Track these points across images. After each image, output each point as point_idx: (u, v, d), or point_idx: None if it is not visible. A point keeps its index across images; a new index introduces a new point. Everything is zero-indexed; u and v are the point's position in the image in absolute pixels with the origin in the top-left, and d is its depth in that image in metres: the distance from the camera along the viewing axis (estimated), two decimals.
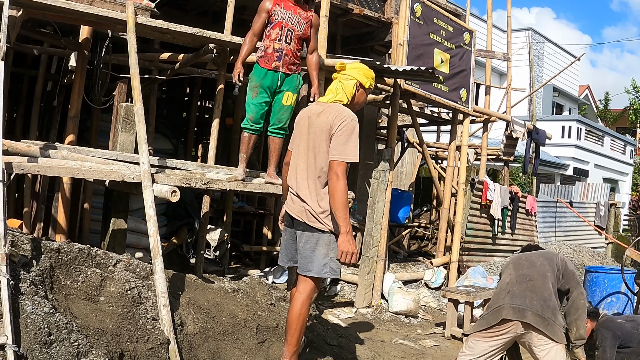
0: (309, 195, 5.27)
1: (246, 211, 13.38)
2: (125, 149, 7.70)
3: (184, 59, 9.63)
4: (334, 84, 5.53)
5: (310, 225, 5.24)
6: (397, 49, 10.37)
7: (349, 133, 5.13)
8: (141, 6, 7.88)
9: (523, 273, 5.66)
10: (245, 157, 7.68)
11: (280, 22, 7.51)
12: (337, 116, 5.19)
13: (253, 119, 7.53)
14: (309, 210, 5.23)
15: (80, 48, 8.79)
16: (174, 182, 6.51)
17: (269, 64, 7.49)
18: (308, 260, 5.26)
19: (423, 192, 19.94)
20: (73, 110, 8.59)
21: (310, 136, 5.36)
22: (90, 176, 6.43)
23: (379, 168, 10.15)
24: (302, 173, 5.36)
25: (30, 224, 10.69)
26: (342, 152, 5.08)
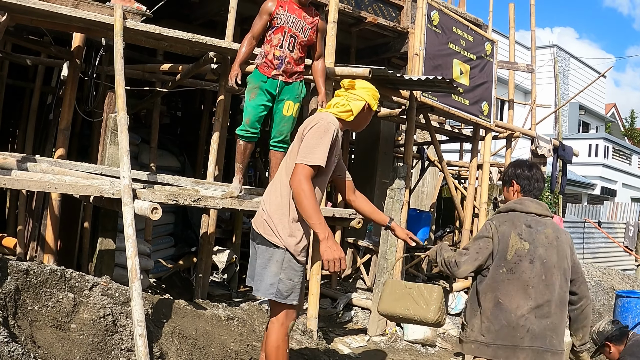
0: (275, 208, 4.72)
1: None
2: (114, 162, 7.22)
3: (184, 70, 9.12)
4: (340, 99, 4.98)
5: (265, 238, 4.67)
6: (413, 59, 9.89)
7: (320, 135, 4.56)
8: (131, 9, 7.43)
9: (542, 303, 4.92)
10: (241, 167, 7.07)
11: (283, 27, 6.92)
12: (312, 120, 4.70)
13: (249, 122, 6.89)
14: (268, 222, 4.68)
15: (72, 57, 8.33)
16: (159, 199, 5.99)
17: (268, 72, 6.90)
18: (259, 278, 4.71)
19: (445, 213, 19.42)
20: (64, 123, 8.14)
21: (292, 147, 4.87)
22: (62, 190, 5.97)
23: (394, 186, 9.58)
24: (276, 182, 4.85)
25: (24, 242, 10.24)
26: (306, 154, 4.51)
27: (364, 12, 11.07)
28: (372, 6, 11.30)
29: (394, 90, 9.45)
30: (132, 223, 5.50)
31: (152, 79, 10.23)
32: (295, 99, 7.01)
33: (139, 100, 10.71)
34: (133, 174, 6.34)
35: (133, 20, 7.24)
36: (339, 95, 4.99)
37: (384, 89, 9.23)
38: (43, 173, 6.21)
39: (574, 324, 5.14)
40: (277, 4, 6.89)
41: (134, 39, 7.71)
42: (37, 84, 11.29)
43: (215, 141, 8.26)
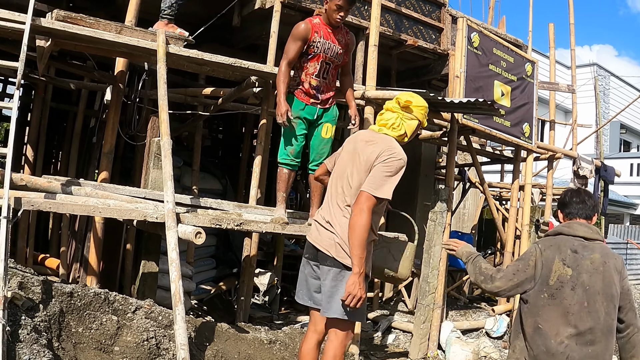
0: (338, 226, 4.79)
1: (299, 254, 12.89)
2: (157, 186, 7.27)
3: (226, 94, 9.17)
4: (394, 118, 5.04)
5: (338, 261, 4.74)
6: (454, 82, 9.85)
7: (392, 170, 4.69)
8: (174, 35, 7.50)
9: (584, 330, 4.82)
10: (285, 196, 7.04)
11: (320, 55, 6.82)
12: (387, 149, 4.78)
13: (294, 152, 6.86)
14: (340, 244, 4.74)
15: (115, 81, 8.41)
16: (202, 223, 6.02)
17: (306, 100, 6.85)
18: (331, 299, 4.77)
19: (486, 235, 19.28)
20: (107, 146, 8.21)
21: (354, 164, 4.92)
22: (107, 214, 6.02)
23: (436, 209, 9.54)
24: (336, 202, 4.91)
25: (67, 264, 10.33)
26: (377, 187, 4.63)
27: (404, 34, 11.07)
28: (412, 29, 11.30)
29: (436, 112, 9.40)
30: (176, 247, 5.52)
31: (194, 102, 10.28)
32: (332, 121, 6.99)
33: (181, 123, 10.78)
34: (176, 197, 6.36)
35: (175, 46, 7.30)
36: (392, 111, 5.05)
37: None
38: (87, 197, 6.27)
39: (622, 353, 5.03)
40: (312, 30, 6.76)
41: (176, 64, 7.77)
42: (80, 108, 11.39)
43: (258, 165, 8.28)
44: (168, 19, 7.89)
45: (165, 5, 7.95)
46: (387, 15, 10.71)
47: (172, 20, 7.91)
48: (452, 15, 11.95)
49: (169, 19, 7.89)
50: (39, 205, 5.72)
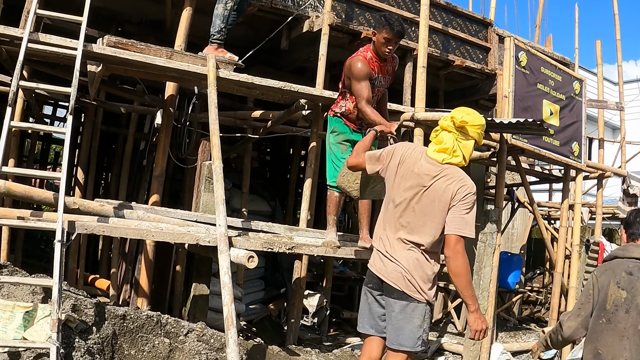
0: (412, 264, 4.74)
1: (347, 276, 12.89)
2: (208, 209, 7.30)
3: (276, 117, 9.21)
4: (449, 140, 4.85)
5: (407, 294, 4.71)
6: (502, 102, 9.76)
7: (470, 206, 4.69)
8: (224, 59, 7.56)
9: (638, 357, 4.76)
10: (335, 219, 7.01)
11: (374, 90, 6.80)
12: (462, 186, 4.71)
13: None
14: (409, 280, 4.70)
15: (165, 105, 8.50)
16: (254, 247, 6.05)
17: (352, 126, 6.89)
18: (400, 332, 4.73)
19: (535, 254, 19.08)
20: (158, 170, 8.30)
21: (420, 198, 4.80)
22: (160, 238, 6.09)
23: (486, 230, 9.46)
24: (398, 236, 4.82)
25: (117, 285, 10.42)
26: (463, 227, 4.62)
27: (451, 55, 11.04)
28: (459, 49, 11.27)
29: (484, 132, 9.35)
30: (229, 271, 5.55)
31: (243, 125, 10.35)
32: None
33: (230, 146, 10.84)
34: (227, 220, 6.40)
35: (225, 70, 7.37)
36: (448, 131, 4.86)
37: None
38: (139, 220, 6.33)
39: None
40: (369, 66, 6.70)
41: (226, 88, 7.83)
42: (130, 131, 11.49)
43: (308, 187, 8.30)
44: (218, 43, 7.95)
45: (214, 30, 8.02)
46: (434, 36, 10.70)
47: (222, 45, 7.98)
48: (498, 34, 11.91)
49: (219, 44, 7.96)
50: (92, 229, 5.80)
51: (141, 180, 11.03)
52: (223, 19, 8.03)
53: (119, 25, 10.26)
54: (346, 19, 9.75)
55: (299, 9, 9.40)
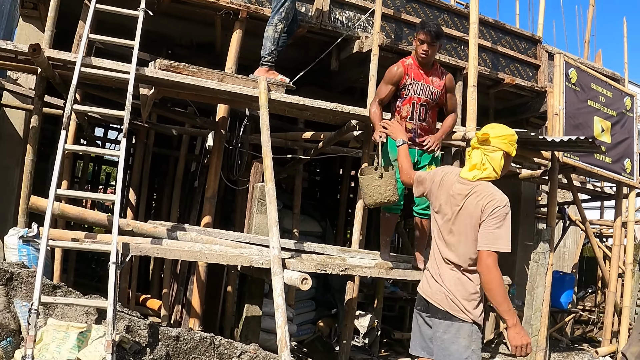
0: (453, 284, 4.72)
1: (398, 296, 12.81)
2: (261, 231, 7.31)
3: (327, 138, 9.23)
4: (477, 155, 4.82)
5: (450, 314, 4.68)
6: (553, 119, 9.70)
7: (501, 219, 4.56)
8: (275, 81, 7.59)
9: None
10: (388, 240, 7.02)
11: (412, 97, 6.77)
12: (490, 200, 4.61)
13: None
14: (452, 299, 4.68)
15: (217, 127, 8.57)
16: (308, 269, 6.07)
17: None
18: (446, 353, 4.68)
19: (587, 273, 18.84)
20: (210, 191, 8.35)
21: (456, 219, 4.80)
22: (213, 260, 6.10)
23: (538, 250, 9.38)
24: (442, 257, 4.84)
25: (169, 305, 10.48)
26: (494, 242, 4.51)
27: (501, 73, 10.98)
28: (508, 67, 11.21)
29: (535, 151, 9.28)
30: (282, 293, 5.56)
31: (294, 146, 10.39)
32: (434, 161, 6.84)
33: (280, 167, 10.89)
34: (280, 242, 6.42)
35: (277, 92, 7.39)
36: (475, 148, 4.85)
37: (525, 150, 9.09)
38: (192, 242, 6.37)
39: None
40: (404, 73, 6.76)
41: (277, 109, 7.85)
42: (182, 152, 11.58)
43: (360, 209, 8.25)
44: (269, 65, 8.00)
45: (265, 52, 8.07)
46: (483, 54, 10.65)
47: (273, 67, 8.02)
48: (547, 51, 11.82)
49: (270, 66, 8.01)
50: (147, 251, 5.85)
51: (192, 201, 11.10)
52: (273, 41, 8.08)
53: (169, 48, 10.38)
54: (395, 39, 9.76)
55: (348, 30, 9.42)
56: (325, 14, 9.30)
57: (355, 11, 9.63)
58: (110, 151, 8.61)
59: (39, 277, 5.08)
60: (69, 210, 6.64)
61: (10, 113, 9.27)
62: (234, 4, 8.67)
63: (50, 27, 7.35)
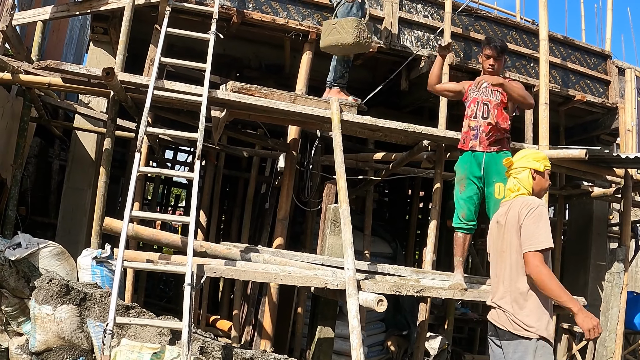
0: (509, 302, 4.73)
1: (468, 318, 12.69)
2: (334, 253, 7.27)
3: (398, 158, 9.20)
4: (509, 182, 5.09)
5: (515, 334, 4.65)
6: (625, 136, 9.55)
7: (537, 219, 4.62)
8: (347, 102, 7.60)
9: None
10: (461, 260, 6.91)
11: (475, 97, 6.94)
12: (523, 206, 4.73)
13: (465, 216, 6.81)
14: (513, 320, 4.67)
15: (288, 149, 8.60)
16: (382, 290, 6.03)
17: (465, 145, 6.89)
18: None
19: None
20: (282, 213, 8.38)
21: (503, 238, 4.90)
22: (288, 282, 6.09)
23: (612, 270, 9.21)
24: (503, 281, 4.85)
25: (239, 326, 10.52)
26: (535, 241, 4.57)
27: (571, 90, 10.82)
28: (579, 83, 11.05)
29: (608, 169, 9.12)
30: (357, 314, 5.53)
31: (364, 167, 10.37)
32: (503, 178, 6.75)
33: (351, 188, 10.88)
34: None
35: (349, 113, 7.39)
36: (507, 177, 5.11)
37: (597, 168, 8.96)
38: (266, 263, 6.38)
39: None
40: (470, 84, 7.12)
41: (348, 130, 7.84)
42: (252, 174, 11.66)
43: (433, 229, 8.18)
44: (341, 86, 8.05)
45: (336, 75, 8.13)
46: (553, 71, 10.51)
47: (345, 88, 8.06)
48: (618, 66, 11.62)
49: (342, 87, 8.05)
50: (221, 272, 5.89)
51: (263, 223, 11.13)
52: (344, 64, 8.14)
53: (238, 70, 10.48)
54: (465, 57, 9.72)
55: (417, 50, 9.40)
56: (394, 34, 9.31)
57: (424, 30, 9.63)
58: (183, 173, 8.69)
59: (114, 298, 5.14)
60: (143, 231, 6.71)
61: (81, 136, 9.42)
62: (303, 25, 8.75)
63: (122, 51, 7.46)
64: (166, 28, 7.47)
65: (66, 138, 11.59)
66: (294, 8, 8.87)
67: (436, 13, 9.76)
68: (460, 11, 9.72)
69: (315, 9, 8.95)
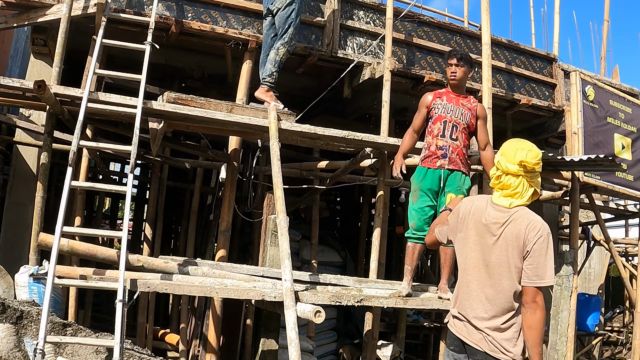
0: (488, 322, 4.47)
1: (420, 325, 12.62)
2: (275, 264, 7.16)
3: (342, 167, 9.12)
4: (519, 184, 4.51)
5: (491, 355, 4.42)
6: (571, 139, 9.52)
7: (546, 250, 4.30)
8: (285, 111, 7.48)
9: None
10: (410, 269, 6.83)
11: (442, 115, 6.79)
12: (531, 228, 4.33)
13: (415, 226, 6.75)
14: (491, 341, 4.43)
15: (229, 159, 8.47)
16: (322, 301, 5.92)
17: (432, 163, 6.73)
18: None
19: (614, 293, 18.55)
20: (224, 224, 8.24)
21: (492, 250, 4.49)
22: (224, 295, 6.02)
23: (562, 273, 9.17)
24: (480, 295, 4.53)
25: (187, 340, 10.42)
26: (541, 276, 4.30)
27: (517, 94, 10.84)
28: (524, 87, 11.08)
29: (555, 172, 9.11)
30: (295, 326, 5.40)
31: (309, 176, 10.28)
32: (457, 190, 6.67)
33: (297, 197, 10.80)
34: (294, 274, 6.31)
35: (287, 122, 7.28)
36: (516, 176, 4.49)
37: (544, 171, 8.93)
38: (204, 277, 6.26)
39: None
40: (434, 96, 6.92)
41: (289, 139, 7.76)
42: (196, 185, 11.52)
43: (377, 237, 8.09)
44: (269, 86, 7.96)
45: (265, 73, 8.05)
46: (498, 75, 10.54)
47: (272, 89, 7.95)
48: (563, 69, 11.69)
49: (270, 86, 7.96)
50: (155, 287, 5.74)
51: (209, 234, 11.01)
52: (274, 64, 8.02)
53: (182, 80, 10.34)
54: (408, 63, 9.69)
55: (359, 57, 9.33)
56: (336, 41, 9.24)
57: (366, 37, 9.60)
58: (117, 187, 8.35)
59: (44, 316, 5.02)
60: (78, 247, 6.55)
61: (23, 150, 9.21)
62: (242, 34, 8.64)
63: (58, 64, 7.28)
64: (102, 39, 7.31)
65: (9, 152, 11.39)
66: (234, 17, 8.76)
67: (378, 19, 9.71)
68: (402, 17, 9.68)
69: (254, 17, 8.83)
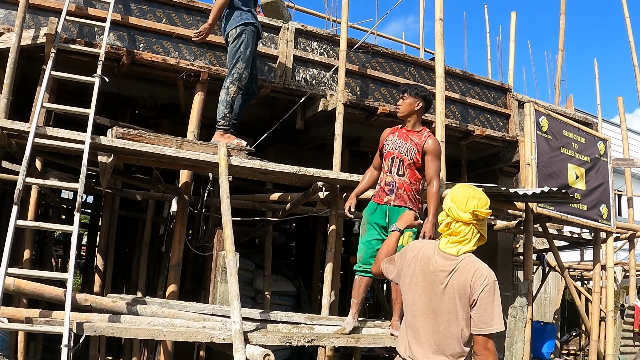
0: None
1: (376, 354, 12.55)
2: (225, 301, 7.08)
3: (294, 199, 9.06)
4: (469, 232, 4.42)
5: None
6: (525, 169, 9.58)
7: (493, 297, 4.22)
8: (236, 147, 7.40)
9: None
10: (356, 302, 6.76)
11: (390, 152, 6.76)
12: (477, 277, 4.25)
13: (362, 259, 6.68)
14: None
15: (180, 193, 8.36)
16: (272, 342, 5.82)
17: (380, 199, 6.70)
18: None
19: (570, 316, 18.65)
20: (174, 259, 8.08)
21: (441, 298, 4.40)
22: (172, 338, 5.92)
23: (516, 304, 9.18)
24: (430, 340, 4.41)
25: None
26: (489, 323, 4.21)
27: (471, 124, 10.87)
28: (478, 117, 11.11)
29: (509, 203, 9.13)
30: None
31: (262, 208, 10.20)
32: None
33: (251, 227, 10.71)
34: (245, 312, 6.21)
35: (238, 157, 7.19)
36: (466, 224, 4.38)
37: (498, 203, 8.98)
38: (153, 317, 6.12)
39: None
40: (390, 132, 6.93)
41: (240, 174, 7.67)
42: (148, 216, 11.32)
43: (329, 272, 8.00)
44: (224, 129, 7.83)
45: (219, 116, 7.90)
46: (452, 106, 10.57)
47: (228, 131, 7.86)
48: (518, 100, 11.77)
49: (225, 130, 7.84)
50: (102, 331, 5.57)
51: (160, 266, 10.88)
52: (226, 105, 7.89)
53: (134, 109, 10.23)
54: (361, 95, 9.66)
55: (312, 89, 9.29)
56: (289, 73, 9.18)
57: (320, 68, 9.54)
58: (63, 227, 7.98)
59: None
60: (25, 286, 6.37)
61: None
62: (194, 66, 8.56)
63: (6, 95, 7.03)
64: (51, 71, 7.17)
65: None
66: (186, 48, 8.65)
67: (332, 50, 9.66)
68: (357, 48, 9.66)
69: (207, 48, 8.74)
